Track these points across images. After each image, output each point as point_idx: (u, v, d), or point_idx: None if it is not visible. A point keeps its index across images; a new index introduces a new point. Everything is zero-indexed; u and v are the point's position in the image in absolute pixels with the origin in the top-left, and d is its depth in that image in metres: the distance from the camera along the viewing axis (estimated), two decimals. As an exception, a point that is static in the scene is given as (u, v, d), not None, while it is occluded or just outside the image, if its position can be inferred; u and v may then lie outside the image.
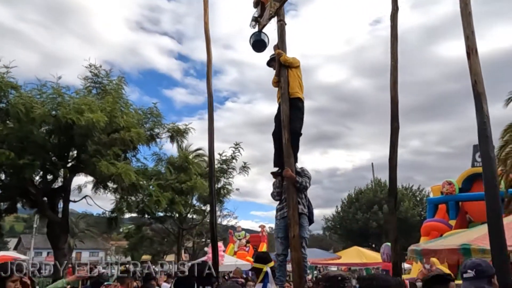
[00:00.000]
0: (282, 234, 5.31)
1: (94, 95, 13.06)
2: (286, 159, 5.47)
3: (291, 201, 5.21)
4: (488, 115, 3.56)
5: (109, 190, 13.50)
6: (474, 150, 20.47)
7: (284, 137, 5.57)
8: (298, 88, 5.70)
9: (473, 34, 3.78)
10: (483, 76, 3.68)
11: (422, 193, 38.39)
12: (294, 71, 5.79)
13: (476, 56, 3.76)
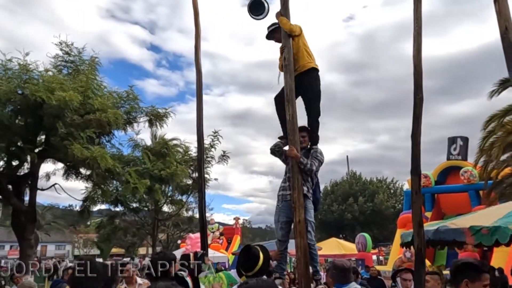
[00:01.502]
0: (283, 219, 4.76)
1: (65, 75, 12.09)
2: (291, 137, 4.94)
3: (296, 182, 4.68)
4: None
5: (81, 177, 12.60)
6: (449, 143, 20.72)
7: (289, 112, 5.03)
8: (308, 57, 5.14)
9: None
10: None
11: (396, 186, 39.09)
12: (297, 40, 5.22)
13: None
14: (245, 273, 3.42)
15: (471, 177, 18.32)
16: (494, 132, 12.92)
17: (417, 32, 4.15)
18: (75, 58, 12.51)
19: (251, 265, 3.37)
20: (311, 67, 5.07)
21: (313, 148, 4.92)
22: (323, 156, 4.89)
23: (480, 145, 13.32)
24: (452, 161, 20.25)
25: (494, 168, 13.49)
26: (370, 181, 38.52)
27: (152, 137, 16.50)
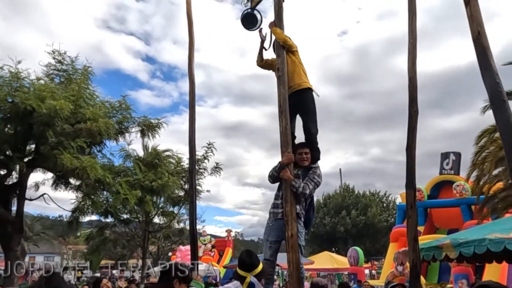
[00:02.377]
0: (273, 238, 4.62)
1: (57, 84, 11.95)
2: (283, 148, 4.86)
3: (289, 196, 4.58)
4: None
5: (70, 187, 12.37)
6: (442, 158, 20.85)
7: (282, 124, 4.97)
8: (304, 77, 5.08)
9: None
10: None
11: (388, 199, 39.09)
12: (294, 58, 5.14)
13: (476, 1, 3.22)
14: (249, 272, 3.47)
15: (463, 191, 18.36)
16: (486, 147, 12.96)
17: (412, 45, 4.14)
18: (68, 67, 12.39)
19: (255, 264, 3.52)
20: (307, 87, 5.03)
21: (313, 167, 4.75)
22: (321, 178, 4.74)
23: (472, 160, 13.35)
24: (445, 175, 20.35)
25: (486, 182, 13.50)
26: (363, 194, 38.49)
27: (144, 148, 16.32)
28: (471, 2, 3.10)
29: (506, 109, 2.79)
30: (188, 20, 7.70)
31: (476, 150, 13.34)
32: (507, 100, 2.78)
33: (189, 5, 7.77)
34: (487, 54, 2.98)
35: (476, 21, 3.05)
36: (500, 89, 2.83)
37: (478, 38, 3.01)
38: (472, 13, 3.07)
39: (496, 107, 2.81)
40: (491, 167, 12.75)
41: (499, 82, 2.84)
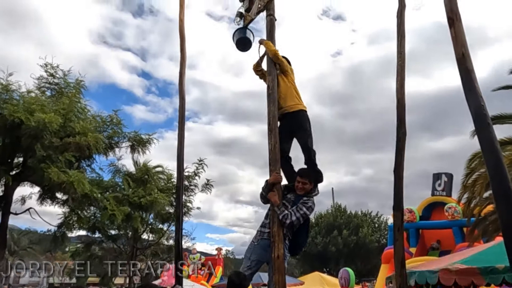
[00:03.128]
0: (254, 257, 4.47)
1: (48, 97, 11.88)
2: (272, 167, 4.80)
3: (276, 217, 4.49)
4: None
5: (57, 202, 12.16)
6: (434, 179, 20.89)
7: (270, 142, 4.92)
8: (297, 98, 5.02)
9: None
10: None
11: (380, 220, 38.93)
12: (286, 79, 5.09)
13: (460, 22, 3.20)
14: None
15: (455, 213, 18.34)
16: (477, 169, 13.00)
17: (400, 66, 4.16)
18: (60, 81, 12.35)
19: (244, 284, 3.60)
20: (299, 109, 4.96)
21: (305, 198, 4.53)
22: (312, 210, 4.56)
23: (463, 182, 13.37)
24: (436, 196, 20.35)
25: (477, 205, 13.49)
26: (354, 214, 38.34)
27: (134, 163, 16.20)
28: (455, 23, 3.11)
29: (490, 132, 2.77)
30: (181, 36, 7.74)
31: (466, 172, 13.37)
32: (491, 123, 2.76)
33: (182, 22, 7.82)
34: (471, 76, 2.97)
35: (460, 43, 3.05)
36: (485, 111, 2.82)
37: (462, 60, 3.00)
38: (456, 34, 3.07)
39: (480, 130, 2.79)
40: (481, 189, 12.74)
41: (483, 104, 2.83)
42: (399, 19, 4.29)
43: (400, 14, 4.30)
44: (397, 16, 4.33)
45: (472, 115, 2.87)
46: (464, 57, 3.02)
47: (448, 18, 3.20)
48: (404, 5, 4.39)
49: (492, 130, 2.75)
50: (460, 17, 3.14)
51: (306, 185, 4.51)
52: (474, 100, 2.90)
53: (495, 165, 2.67)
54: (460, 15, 3.15)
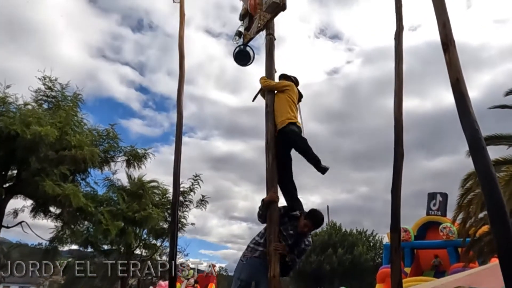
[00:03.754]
0: (245, 276, 4.40)
1: (45, 110, 11.90)
2: (269, 185, 4.81)
3: (273, 234, 4.48)
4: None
5: (50, 215, 12.04)
6: (429, 198, 20.87)
7: (268, 160, 4.95)
8: (289, 112, 5.02)
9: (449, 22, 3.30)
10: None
11: (376, 239, 38.73)
12: (282, 96, 5.13)
13: (455, 48, 3.26)
14: None
15: (450, 234, 18.29)
16: (472, 189, 13.03)
17: (398, 88, 4.22)
18: (58, 94, 12.38)
19: None
20: (286, 124, 4.97)
21: (308, 239, 4.66)
22: (311, 245, 4.78)
23: (458, 202, 13.37)
24: (431, 216, 20.31)
25: (472, 225, 13.49)
26: (349, 232, 38.13)
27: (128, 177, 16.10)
28: (450, 49, 3.18)
29: (485, 156, 2.80)
30: (180, 54, 7.80)
31: (461, 192, 13.40)
32: (485, 147, 2.80)
33: (182, 39, 7.89)
34: (465, 100, 3.03)
35: (454, 68, 3.11)
36: (479, 136, 2.86)
37: (457, 85, 3.06)
38: (451, 59, 3.14)
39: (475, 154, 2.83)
40: (476, 209, 12.75)
41: (477, 129, 2.87)
42: (397, 40, 4.37)
43: (398, 36, 4.38)
44: (395, 38, 4.41)
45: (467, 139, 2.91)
46: (459, 82, 3.07)
47: (443, 44, 3.27)
48: (402, 27, 4.47)
49: (487, 154, 2.79)
50: (454, 43, 3.22)
51: (307, 226, 4.55)
52: (469, 125, 2.94)
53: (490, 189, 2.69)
54: (455, 41, 3.22)
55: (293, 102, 5.09)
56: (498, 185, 2.62)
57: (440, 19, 3.25)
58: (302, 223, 4.52)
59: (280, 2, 5.23)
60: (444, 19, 3.22)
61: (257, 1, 5.65)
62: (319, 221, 4.67)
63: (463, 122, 2.95)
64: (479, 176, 2.76)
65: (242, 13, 6.07)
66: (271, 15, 5.42)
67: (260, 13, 5.56)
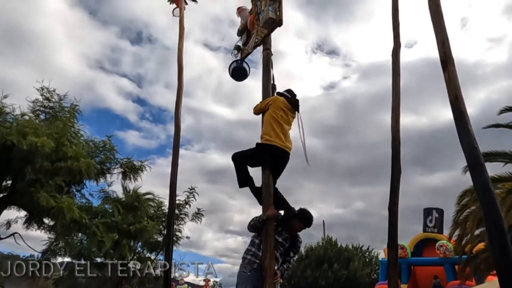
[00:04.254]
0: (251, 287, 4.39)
1: (42, 120, 11.86)
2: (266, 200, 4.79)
3: (268, 247, 4.45)
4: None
5: (43, 227, 11.90)
6: (425, 214, 20.81)
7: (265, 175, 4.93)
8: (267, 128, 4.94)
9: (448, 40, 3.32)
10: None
11: (371, 254, 38.48)
12: (267, 113, 5.06)
13: (453, 66, 3.29)
14: None
15: (446, 252, 18.21)
16: (468, 206, 13.01)
17: (396, 104, 4.25)
18: (55, 105, 12.37)
19: None
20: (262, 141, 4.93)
21: (299, 239, 4.85)
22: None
23: (454, 218, 13.34)
24: (428, 233, 20.25)
25: (468, 242, 13.43)
26: (345, 248, 37.86)
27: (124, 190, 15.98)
28: (449, 67, 3.21)
29: (483, 173, 2.80)
30: (179, 67, 7.87)
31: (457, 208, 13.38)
32: (484, 164, 2.80)
33: (181, 52, 7.98)
34: (464, 118, 3.04)
35: (453, 86, 3.14)
36: (478, 153, 2.86)
37: (456, 102, 3.07)
38: (450, 77, 3.16)
39: (474, 171, 2.83)
40: (473, 226, 12.72)
41: (476, 146, 2.88)
42: (394, 57, 4.41)
43: (395, 53, 4.43)
44: (392, 55, 4.45)
45: (465, 157, 2.91)
46: (458, 99, 3.09)
47: (442, 62, 3.30)
48: (399, 44, 4.52)
49: (485, 172, 2.79)
50: (453, 61, 3.24)
51: (303, 229, 4.76)
52: (467, 142, 2.95)
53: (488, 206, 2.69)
54: (453, 59, 3.25)
55: (277, 116, 4.94)
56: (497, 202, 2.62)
57: (439, 37, 3.28)
58: (296, 226, 4.67)
59: (277, 18, 5.30)
60: (443, 37, 3.26)
61: (255, 17, 5.72)
62: (310, 220, 4.78)
63: (462, 139, 2.96)
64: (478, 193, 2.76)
65: (240, 28, 6.14)
66: (268, 31, 5.48)
67: (257, 29, 5.62)
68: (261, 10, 5.49)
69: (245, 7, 5.98)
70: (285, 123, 4.93)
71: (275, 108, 4.97)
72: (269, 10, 5.17)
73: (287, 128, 4.95)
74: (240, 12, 6.06)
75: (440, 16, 3.25)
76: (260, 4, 5.54)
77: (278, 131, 4.84)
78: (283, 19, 5.26)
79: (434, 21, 3.34)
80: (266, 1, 5.35)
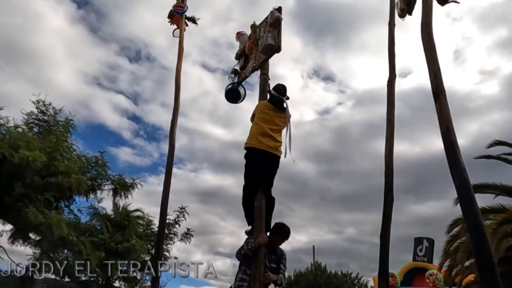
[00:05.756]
0: None
1: (35, 134, 11.79)
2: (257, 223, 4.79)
3: (258, 273, 4.43)
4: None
5: (29, 242, 11.64)
6: (415, 243, 20.76)
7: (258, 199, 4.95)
8: (250, 137, 5.03)
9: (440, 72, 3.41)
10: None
11: (360, 282, 38.00)
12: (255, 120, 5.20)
13: (445, 97, 3.35)
14: None
15: (436, 281, 18.10)
16: (459, 236, 12.99)
17: (390, 134, 4.31)
18: (50, 118, 12.32)
19: None
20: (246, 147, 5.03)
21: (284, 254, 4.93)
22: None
23: (444, 249, 13.28)
24: (418, 262, 20.17)
25: (458, 273, 13.34)
26: (334, 274, 37.39)
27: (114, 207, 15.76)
28: (440, 98, 3.27)
29: (474, 205, 2.83)
30: (176, 87, 7.94)
31: (448, 239, 13.35)
32: (474, 196, 2.83)
33: (179, 72, 8.07)
34: (455, 149, 3.09)
35: (444, 117, 3.20)
36: (468, 185, 2.90)
37: (447, 134, 3.13)
38: (441, 109, 3.23)
39: (464, 203, 2.85)
40: (463, 257, 12.67)
41: (466, 177, 2.92)
42: (389, 88, 4.50)
43: (390, 84, 4.51)
44: (387, 86, 4.54)
45: (456, 188, 2.95)
46: (449, 131, 3.15)
47: (434, 93, 3.37)
48: (394, 75, 4.62)
49: (475, 204, 2.82)
50: (445, 92, 3.32)
51: (283, 241, 4.89)
52: (458, 173, 2.99)
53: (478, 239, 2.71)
54: (445, 91, 3.33)
55: (257, 120, 5.05)
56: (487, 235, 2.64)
57: (431, 69, 3.37)
58: (273, 241, 4.75)
59: (275, 44, 5.42)
60: (435, 70, 3.34)
61: (253, 43, 5.84)
62: (286, 231, 4.85)
63: (452, 171, 3.00)
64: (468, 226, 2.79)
65: (238, 52, 6.26)
66: (266, 56, 5.59)
67: (255, 54, 5.73)
68: (260, 36, 5.62)
69: (244, 32, 6.11)
70: (266, 123, 4.92)
71: (258, 113, 5.13)
72: (268, 36, 5.29)
73: (268, 128, 4.88)
74: (239, 37, 6.18)
75: (432, 48, 3.34)
76: (259, 31, 5.67)
77: (254, 132, 4.94)
78: (281, 46, 5.38)
79: (426, 53, 3.43)
80: (265, 28, 5.48)
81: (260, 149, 4.81)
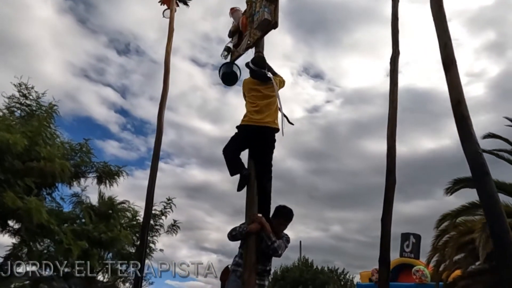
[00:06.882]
0: None
1: (17, 118, 11.33)
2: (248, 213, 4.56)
3: (249, 262, 4.20)
4: None
5: (7, 230, 11.18)
6: (402, 239, 20.76)
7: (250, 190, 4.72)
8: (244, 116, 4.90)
9: (451, 42, 3.20)
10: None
11: (346, 277, 38.17)
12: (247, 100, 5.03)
13: (456, 68, 3.14)
14: None
15: (422, 277, 18.11)
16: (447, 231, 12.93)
17: (392, 115, 4.09)
18: (32, 102, 11.86)
19: None
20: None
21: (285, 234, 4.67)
22: None
23: (433, 243, 13.22)
24: (404, 258, 20.16)
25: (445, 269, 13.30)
26: (321, 270, 37.47)
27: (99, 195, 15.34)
28: (451, 69, 3.06)
29: (488, 182, 2.62)
30: (166, 67, 7.65)
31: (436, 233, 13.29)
32: (489, 173, 2.61)
33: (168, 54, 7.75)
34: (467, 123, 2.87)
35: (455, 89, 2.99)
36: (482, 160, 2.69)
37: (458, 107, 2.91)
38: (452, 80, 3.01)
39: (478, 180, 2.64)
40: (452, 253, 12.62)
41: (480, 153, 2.70)
42: (393, 65, 4.28)
43: (394, 61, 4.29)
44: (391, 63, 4.32)
45: (469, 164, 2.73)
46: (460, 103, 2.93)
47: (444, 64, 3.15)
48: (398, 52, 4.40)
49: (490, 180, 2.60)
50: (456, 62, 3.10)
51: (287, 224, 4.62)
52: (470, 148, 2.77)
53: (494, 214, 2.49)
54: (456, 61, 3.10)
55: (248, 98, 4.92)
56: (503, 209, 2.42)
57: (442, 40, 3.15)
58: (275, 224, 4.48)
59: (272, 20, 5.13)
60: (446, 40, 3.13)
61: (248, 19, 5.56)
62: (289, 213, 4.61)
63: (464, 145, 2.78)
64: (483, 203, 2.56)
65: (231, 30, 5.97)
66: (262, 33, 5.31)
67: (250, 30, 5.45)
68: (255, 11, 5.32)
69: (239, 8, 5.82)
70: (258, 99, 4.80)
71: (245, 91, 4.99)
72: (265, 11, 5.01)
73: (262, 103, 4.76)
74: (233, 13, 5.89)
75: (442, 18, 3.13)
76: (255, 5, 5.38)
77: (248, 109, 4.82)
78: (278, 21, 5.10)
79: (436, 22, 3.21)
80: (261, 2, 5.19)
81: (251, 125, 4.68)
